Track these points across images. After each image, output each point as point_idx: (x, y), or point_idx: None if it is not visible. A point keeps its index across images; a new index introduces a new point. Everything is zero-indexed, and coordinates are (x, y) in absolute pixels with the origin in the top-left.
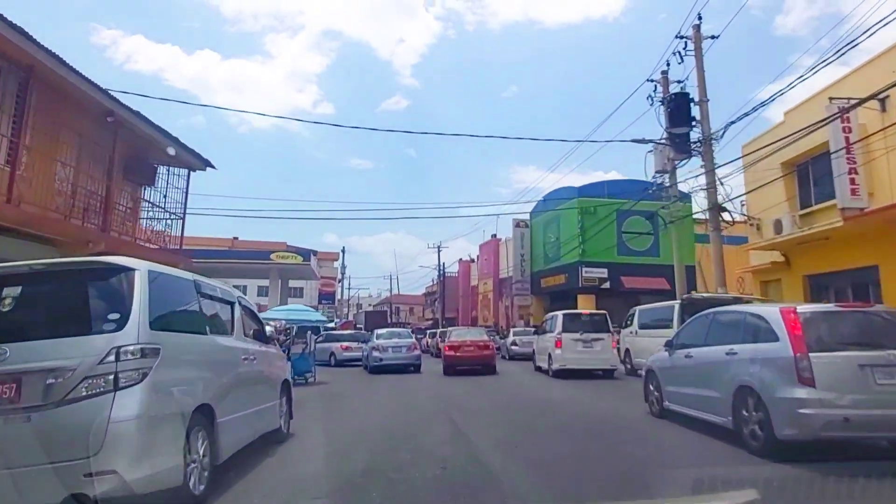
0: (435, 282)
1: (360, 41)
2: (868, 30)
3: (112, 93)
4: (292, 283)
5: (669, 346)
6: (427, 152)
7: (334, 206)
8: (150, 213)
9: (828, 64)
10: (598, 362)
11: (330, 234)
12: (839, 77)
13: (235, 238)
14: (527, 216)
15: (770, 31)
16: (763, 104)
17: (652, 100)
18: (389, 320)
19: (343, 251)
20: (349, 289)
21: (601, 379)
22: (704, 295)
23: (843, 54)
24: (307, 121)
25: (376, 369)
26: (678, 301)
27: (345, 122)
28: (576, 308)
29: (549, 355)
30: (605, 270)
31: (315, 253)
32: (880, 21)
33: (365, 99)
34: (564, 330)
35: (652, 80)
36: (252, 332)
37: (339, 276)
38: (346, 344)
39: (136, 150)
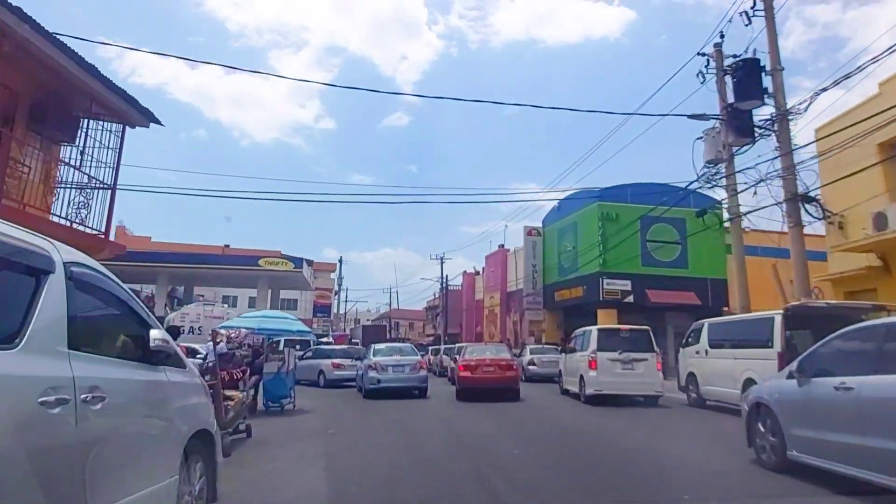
0: (436, 296)
1: (363, 58)
2: None
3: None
4: (284, 295)
5: (800, 371)
6: (428, 168)
7: (334, 215)
8: (71, 179)
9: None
10: (641, 387)
11: (329, 250)
12: None
13: (226, 246)
14: (538, 223)
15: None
16: (875, 59)
17: (703, 76)
18: (388, 335)
19: (340, 261)
20: (346, 301)
21: (647, 407)
22: (830, 302)
23: None
24: (304, 80)
25: (373, 393)
26: (780, 312)
27: (347, 139)
28: (595, 324)
29: (582, 377)
30: (629, 283)
31: (311, 263)
32: None
33: (367, 115)
34: (600, 348)
35: (703, 55)
36: (119, 341)
37: (336, 288)
38: (337, 361)
39: (47, 91)
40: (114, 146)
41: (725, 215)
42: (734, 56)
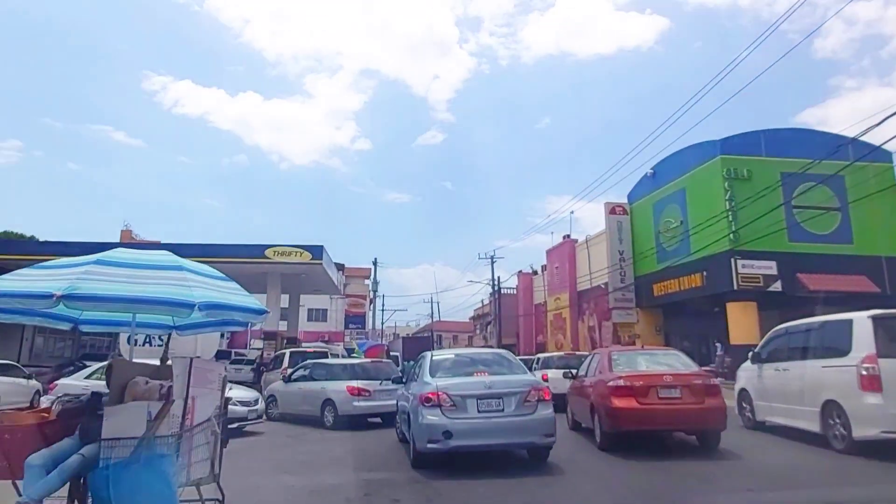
0: (485, 303)
1: (397, 79)
2: None
3: None
4: (308, 302)
5: None
6: (463, 185)
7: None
8: None
9: None
10: None
11: (368, 266)
12: None
13: None
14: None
15: (809, 54)
16: None
17: None
18: (433, 349)
19: (375, 263)
20: (382, 310)
21: None
22: None
23: None
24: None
25: (435, 457)
26: None
27: (381, 158)
28: (722, 322)
29: (833, 407)
30: (773, 264)
31: (341, 267)
32: None
33: (401, 134)
34: (884, 353)
35: None
36: None
37: (371, 295)
38: (356, 385)
39: None
40: None
41: None
42: None
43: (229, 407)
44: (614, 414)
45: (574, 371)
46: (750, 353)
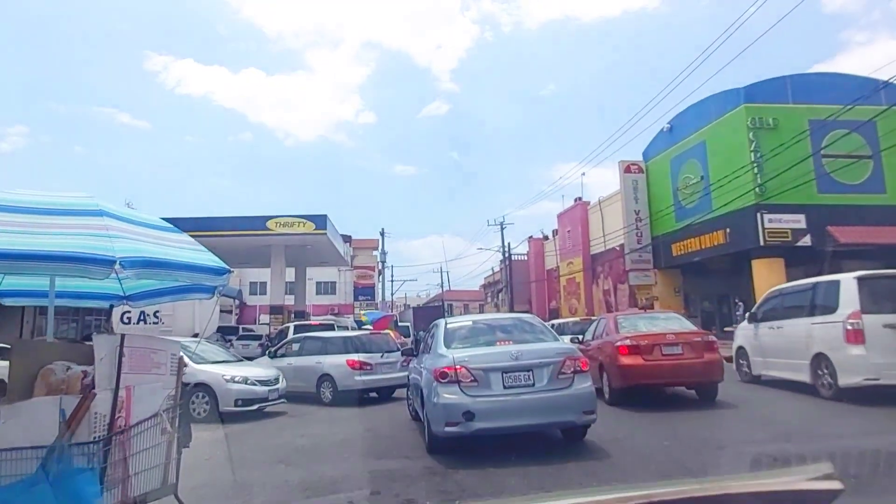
0: (495, 270)
1: (399, 50)
2: None
3: None
4: (316, 275)
5: None
6: (470, 155)
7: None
8: None
9: None
10: None
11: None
12: None
13: None
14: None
15: (818, 8)
16: None
17: None
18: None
19: (382, 234)
20: (391, 280)
21: None
22: None
23: None
24: None
25: (455, 441)
26: None
27: (387, 131)
28: (747, 281)
29: (822, 358)
30: (802, 217)
31: (348, 239)
32: None
33: (406, 106)
34: (867, 309)
35: None
36: None
37: (379, 266)
38: (357, 358)
39: None
40: None
41: None
42: None
43: (248, 387)
44: (623, 371)
45: (580, 336)
46: (746, 314)
